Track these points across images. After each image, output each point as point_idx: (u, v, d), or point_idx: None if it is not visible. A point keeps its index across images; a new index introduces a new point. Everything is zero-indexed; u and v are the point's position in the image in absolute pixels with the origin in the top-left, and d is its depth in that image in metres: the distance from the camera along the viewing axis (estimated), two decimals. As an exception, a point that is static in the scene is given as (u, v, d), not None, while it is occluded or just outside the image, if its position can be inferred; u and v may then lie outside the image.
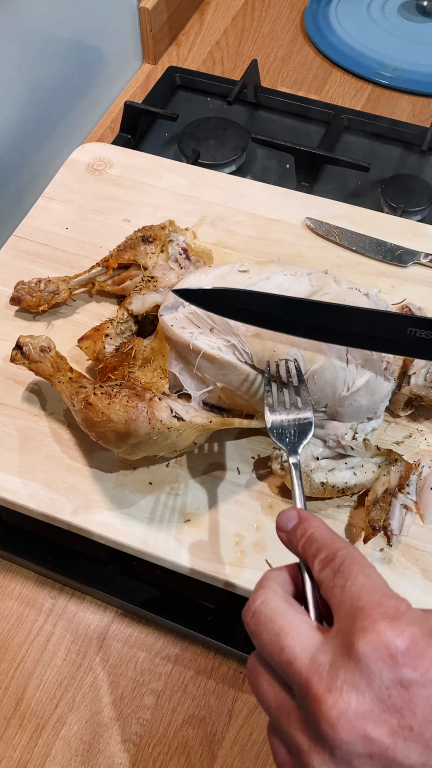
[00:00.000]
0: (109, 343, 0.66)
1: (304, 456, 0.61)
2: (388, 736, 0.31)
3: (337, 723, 0.31)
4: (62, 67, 0.94)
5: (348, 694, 0.32)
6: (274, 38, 1.16)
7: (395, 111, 1.05)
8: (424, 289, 0.74)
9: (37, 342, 0.64)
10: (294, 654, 0.35)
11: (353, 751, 0.31)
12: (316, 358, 0.58)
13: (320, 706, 0.32)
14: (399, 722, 0.31)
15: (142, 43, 1.11)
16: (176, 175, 0.84)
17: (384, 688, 0.32)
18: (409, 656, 0.32)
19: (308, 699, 0.33)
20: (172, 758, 0.60)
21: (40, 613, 0.66)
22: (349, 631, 0.33)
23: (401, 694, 0.32)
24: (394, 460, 0.60)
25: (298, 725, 0.34)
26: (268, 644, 0.36)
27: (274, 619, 0.36)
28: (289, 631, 0.36)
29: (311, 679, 0.33)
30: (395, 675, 0.32)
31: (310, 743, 0.33)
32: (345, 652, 0.33)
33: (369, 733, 0.31)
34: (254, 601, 0.38)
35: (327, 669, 0.33)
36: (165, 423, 0.57)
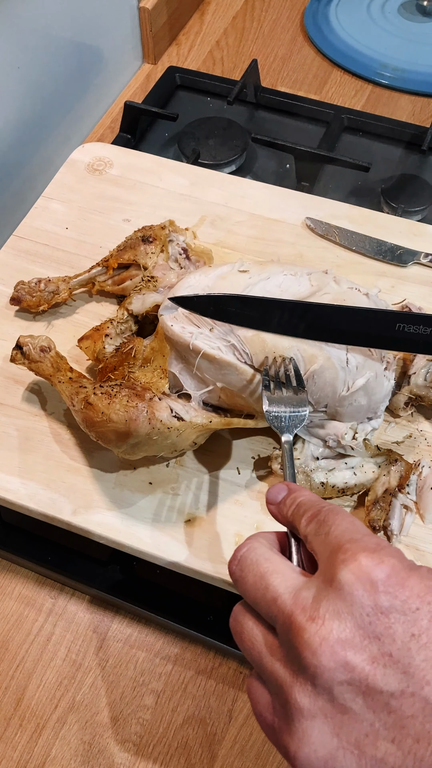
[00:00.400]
0: (109, 343, 0.66)
1: (304, 456, 0.61)
2: (368, 663, 0.32)
3: (318, 649, 0.32)
4: (62, 67, 0.94)
5: (330, 621, 0.33)
6: (274, 38, 1.16)
7: (395, 111, 1.05)
8: (424, 289, 0.74)
9: (37, 342, 0.64)
10: (278, 592, 0.35)
11: (334, 678, 0.32)
12: (315, 359, 0.58)
13: (303, 635, 0.33)
14: (379, 649, 0.32)
15: (142, 43, 1.11)
16: (176, 175, 0.84)
17: (365, 615, 0.32)
18: (390, 584, 0.33)
19: (291, 631, 0.33)
20: (172, 758, 0.60)
21: (40, 613, 0.66)
22: (331, 565, 0.34)
23: (381, 622, 0.32)
24: (394, 460, 0.60)
25: (281, 661, 0.34)
26: (252, 585, 0.37)
27: (259, 563, 0.37)
28: (274, 571, 0.37)
29: (294, 611, 0.34)
30: (376, 602, 0.32)
31: (292, 676, 0.33)
32: (327, 583, 0.34)
33: (349, 660, 0.32)
34: (240, 549, 0.39)
35: (310, 602, 0.34)
36: (165, 423, 0.57)
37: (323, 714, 0.33)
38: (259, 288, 0.63)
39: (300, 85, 1.09)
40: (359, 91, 1.08)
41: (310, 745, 0.33)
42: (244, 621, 0.38)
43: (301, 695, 0.33)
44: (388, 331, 0.57)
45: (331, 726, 0.32)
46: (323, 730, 0.33)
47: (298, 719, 0.33)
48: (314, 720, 0.33)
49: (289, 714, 0.33)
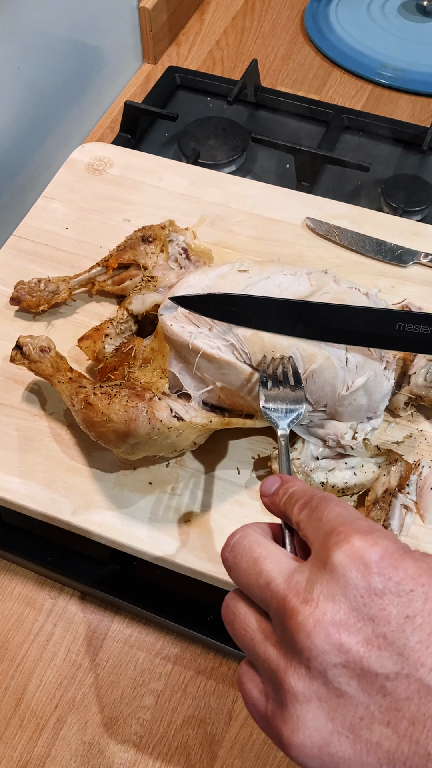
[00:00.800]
0: (109, 343, 0.66)
1: (304, 456, 0.61)
2: (363, 645, 0.32)
3: (312, 632, 0.32)
4: (62, 67, 0.94)
5: (324, 603, 0.32)
6: (274, 38, 1.16)
7: (395, 111, 1.05)
8: (424, 289, 0.74)
9: (37, 342, 0.64)
10: (271, 576, 0.35)
11: (328, 661, 0.32)
12: (315, 358, 0.58)
13: (296, 617, 0.33)
14: (373, 631, 0.32)
15: (142, 43, 1.11)
16: (176, 175, 0.84)
17: (359, 597, 0.32)
18: (384, 566, 0.32)
19: (285, 614, 0.33)
20: (172, 758, 0.60)
21: (40, 613, 0.66)
22: (324, 548, 0.34)
23: (376, 603, 0.32)
24: (394, 460, 0.60)
25: (275, 646, 0.34)
26: (245, 571, 0.37)
27: (252, 548, 0.37)
28: (267, 556, 0.36)
29: (287, 595, 0.34)
30: (370, 584, 0.32)
31: (285, 660, 0.33)
32: (321, 566, 0.34)
33: (344, 642, 0.32)
34: (233, 536, 0.39)
35: (303, 585, 0.34)
36: (165, 423, 0.56)
37: (318, 698, 0.32)
38: (258, 287, 0.63)
39: (300, 85, 1.09)
40: (359, 91, 1.08)
41: (304, 731, 0.32)
42: (237, 607, 0.37)
43: (295, 679, 0.33)
44: (388, 330, 0.57)
45: (326, 710, 0.32)
46: (318, 715, 0.32)
47: (292, 704, 0.33)
48: (309, 704, 0.32)
49: (283, 699, 0.33)
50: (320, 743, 0.32)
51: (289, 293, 0.63)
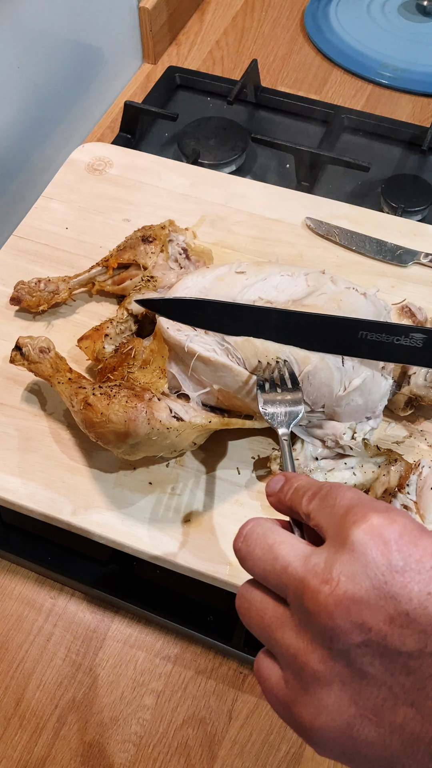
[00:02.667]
0: (109, 343, 0.66)
1: (303, 457, 0.61)
2: (386, 623, 0.31)
3: (335, 611, 0.31)
4: (62, 67, 0.94)
5: (345, 582, 0.32)
6: (274, 38, 1.16)
7: (395, 111, 1.05)
8: (424, 288, 0.74)
9: (37, 343, 0.64)
10: (288, 560, 0.35)
11: (351, 641, 0.31)
12: (309, 360, 0.58)
13: (317, 597, 0.32)
14: (396, 609, 0.31)
15: (142, 42, 1.11)
16: (176, 175, 0.84)
17: (380, 574, 0.32)
18: (403, 543, 0.32)
19: (305, 595, 0.33)
20: (172, 758, 0.60)
21: (40, 613, 0.66)
22: (341, 529, 0.34)
23: (397, 581, 0.31)
24: (393, 460, 0.60)
25: (294, 630, 0.34)
26: (261, 558, 0.36)
27: (266, 535, 0.37)
28: (282, 542, 0.36)
29: (306, 576, 0.33)
30: (391, 561, 0.32)
31: (306, 644, 0.33)
32: (339, 546, 0.33)
33: (366, 621, 0.31)
34: (245, 527, 0.38)
35: (322, 566, 0.33)
36: (164, 423, 0.57)
37: (340, 680, 0.32)
38: (255, 289, 0.63)
39: (300, 85, 1.09)
40: (359, 91, 1.08)
41: (327, 714, 0.32)
42: (252, 596, 0.37)
43: (317, 662, 0.32)
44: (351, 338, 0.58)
45: (349, 693, 0.32)
46: (340, 698, 0.32)
47: (314, 688, 0.32)
48: (331, 687, 0.32)
49: (305, 683, 0.32)
50: (343, 727, 0.32)
51: (286, 294, 0.63)
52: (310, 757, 0.59)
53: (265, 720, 0.61)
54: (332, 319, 0.58)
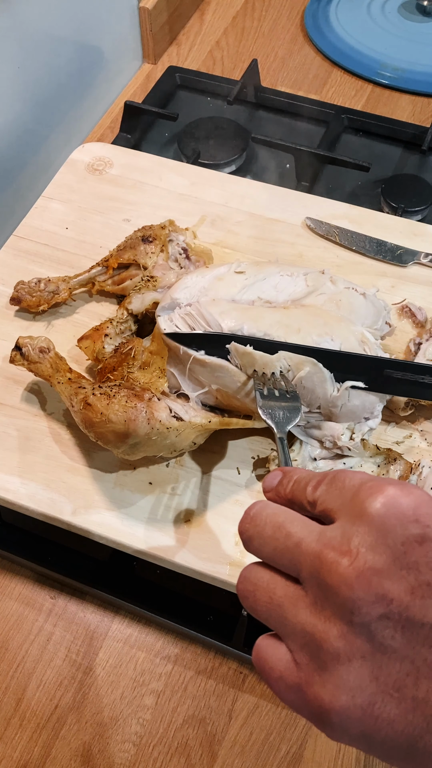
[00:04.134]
0: (109, 342, 0.66)
1: (301, 458, 0.61)
2: (407, 594, 0.30)
3: (355, 583, 0.30)
4: (62, 67, 0.94)
5: (364, 553, 0.31)
6: (274, 38, 1.16)
7: (395, 111, 1.05)
8: (424, 289, 0.74)
9: (36, 343, 0.64)
10: (301, 536, 0.34)
11: (373, 612, 0.30)
12: (303, 365, 0.58)
13: (337, 569, 0.31)
14: (416, 579, 0.30)
15: (142, 42, 1.11)
16: (176, 175, 0.84)
17: (399, 545, 0.31)
18: (421, 513, 0.31)
19: (322, 569, 0.32)
20: (172, 758, 0.60)
21: (40, 613, 0.66)
22: (355, 502, 0.33)
23: (417, 551, 0.31)
24: (393, 459, 0.60)
25: (309, 608, 0.32)
26: (271, 537, 0.35)
27: (276, 514, 0.36)
28: (294, 519, 0.35)
29: (323, 551, 0.32)
30: (409, 531, 0.31)
31: (324, 620, 0.31)
32: (355, 518, 0.32)
33: (388, 592, 0.30)
34: (251, 509, 0.37)
35: (339, 539, 0.32)
36: (164, 423, 0.56)
37: (361, 656, 0.31)
38: (255, 288, 0.63)
39: (300, 85, 1.09)
40: (359, 91, 1.08)
41: (347, 692, 0.30)
42: (258, 577, 0.35)
43: (336, 638, 0.31)
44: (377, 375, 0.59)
45: (370, 668, 0.30)
46: (361, 674, 0.30)
47: (333, 665, 0.31)
48: (351, 663, 0.31)
49: (322, 662, 0.31)
50: (364, 705, 0.31)
51: (286, 294, 0.63)
52: (310, 757, 0.59)
53: (265, 720, 0.61)
54: (359, 358, 0.58)
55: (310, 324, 0.60)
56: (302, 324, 0.60)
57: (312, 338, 0.59)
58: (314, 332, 0.60)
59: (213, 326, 0.60)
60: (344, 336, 0.60)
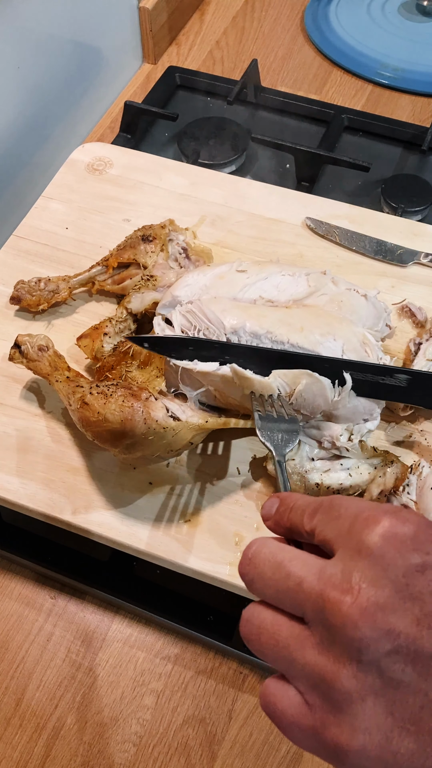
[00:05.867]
0: (108, 341, 0.66)
1: (299, 457, 0.61)
2: (413, 626, 0.30)
3: (360, 620, 0.30)
4: (62, 67, 0.94)
5: (366, 589, 0.31)
6: (274, 38, 1.16)
7: (395, 111, 1.05)
8: (424, 289, 0.74)
9: (36, 341, 0.64)
10: (301, 576, 0.33)
11: (381, 649, 0.30)
12: (299, 379, 0.58)
13: (340, 608, 0.31)
14: (421, 610, 0.30)
15: (142, 43, 1.11)
16: (176, 175, 0.84)
17: (401, 576, 0.31)
18: (419, 542, 0.31)
19: (325, 609, 0.31)
20: (172, 758, 0.60)
21: (40, 613, 0.66)
22: (353, 535, 0.32)
23: (419, 581, 0.30)
24: (390, 462, 0.60)
25: (316, 648, 0.32)
26: (271, 578, 0.34)
27: (275, 554, 0.35)
28: (293, 558, 0.34)
29: (325, 590, 0.32)
30: (410, 561, 0.31)
31: (332, 660, 0.31)
32: (354, 553, 0.32)
33: (394, 626, 0.30)
34: (249, 549, 0.36)
35: (340, 576, 0.32)
36: (161, 423, 0.56)
37: (373, 693, 0.30)
38: (256, 288, 0.63)
39: (300, 85, 1.09)
40: (359, 91, 1.08)
41: (364, 731, 0.30)
42: (262, 619, 0.34)
43: (347, 678, 0.30)
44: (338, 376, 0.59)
45: (384, 705, 0.30)
46: (376, 711, 0.30)
47: (347, 705, 0.30)
48: (365, 702, 0.30)
49: (335, 703, 0.31)
50: (382, 742, 0.30)
51: (287, 294, 0.63)
52: (310, 757, 0.59)
53: (265, 720, 0.61)
54: (320, 359, 0.59)
55: (313, 323, 0.60)
56: (305, 323, 0.60)
57: (315, 337, 0.59)
58: (317, 331, 0.60)
59: (215, 324, 0.60)
60: (346, 336, 0.60)
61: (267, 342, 0.59)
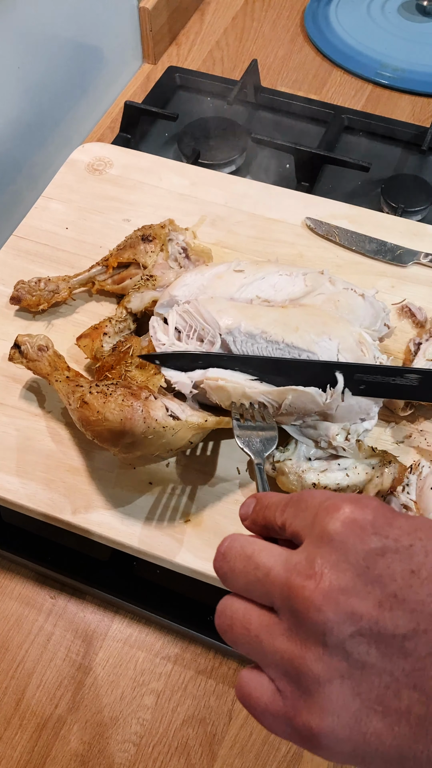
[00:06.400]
0: (107, 341, 0.66)
1: (296, 457, 0.61)
2: (375, 608, 0.31)
3: (323, 604, 0.31)
4: (62, 67, 0.94)
5: (328, 574, 0.32)
6: (274, 38, 1.16)
7: (395, 111, 1.05)
8: (424, 289, 0.74)
9: (35, 341, 0.64)
10: (269, 566, 0.34)
11: (344, 632, 0.31)
12: (284, 394, 0.58)
13: (303, 594, 0.32)
14: (382, 591, 0.31)
15: (142, 43, 1.11)
16: (176, 175, 0.84)
17: (361, 560, 0.32)
18: (378, 525, 0.32)
19: (291, 595, 0.32)
20: (172, 758, 0.60)
21: (40, 613, 0.66)
22: (316, 524, 0.33)
23: (379, 564, 0.31)
24: (387, 462, 0.60)
25: (284, 635, 0.33)
26: (241, 571, 0.36)
27: (244, 547, 0.36)
28: (262, 549, 0.36)
29: (290, 577, 0.33)
30: (369, 545, 0.32)
31: (299, 646, 0.32)
32: (317, 541, 0.33)
33: (356, 609, 0.31)
34: (221, 545, 0.38)
35: (304, 563, 0.33)
36: (160, 422, 0.56)
37: (340, 675, 0.31)
38: (253, 287, 0.63)
39: (300, 85, 1.09)
40: (359, 91, 1.08)
41: (332, 714, 0.31)
42: (234, 610, 0.36)
43: (314, 662, 0.31)
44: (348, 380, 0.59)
45: (351, 686, 0.31)
46: (343, 693, 0.31)
47: (316, 689, 0.31)
48: (331, 684, 0.31)
49: (304, 687, 0.32)
50: (351, 723, 0.31)
51: (284, 293, 0.63)
52: (310, 757, 0.59)
53: (265, 720, 0.61)
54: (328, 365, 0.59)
55: (308, 323, 0.60)
56: (300, 323, 0.60)
57: (310, 337, 0.59)
58: (312, 331, 0.60)
59: (210, 324, 0.60)
60: (342, 336, 0.60)
61: (262, 342, 0.59)
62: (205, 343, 0.61)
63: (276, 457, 0.60)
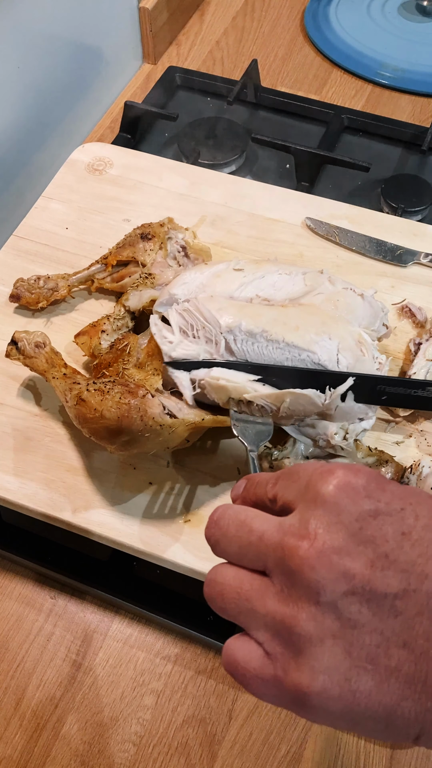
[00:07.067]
0: (105, 339, 0.66)
1: (294, 455, 0.61)
2: (367, 568, 0.31)
3: (317, 563, 0.32)
4: (62, 67, 0.94)
5: (322, 534, 0.32)
6: (274, 38, 1.16)
7: (395, 111, 1.05)
8: (424, 289, 0.74)
9: (32, 337, 0.64)
10: (262, 529, 0.35)
11: (337, 590, 0.31)
12: (283, 397, 0.58)
13: (298, 553, 0.32)
14: (374, 552, 0.32)
15: (142, 43, 1.11)
16: (176, 175, 0.84)
17: (354, 521, 0.32)
18: (371, 489, 0.33)
19: (285, 556, 0.33)
20: (172, 758, 0.60)
21: (40, 613, 0.66)
22: (309, 488, 0.34)
23: (371, 525, 0.32)
24: (384, 462, 0.60)
25: (277, 596, 0.33)
26: (235, 536, 0.36)
27: (238, 514, 0.37)
28: (255, 516, 0.36)
29: (284, 538, 0.33)
30: (363, 507, 0.33)
31: (292, 605, 0.32)
32: (310, 503, 0.34)
33: (349, 568, 0.31)
34: (214, 514, 0.38)
35: (297, 525, 0.33)
36: (157, 420, 0.56)
37: (331, 635, 0.31)
38: (253, 286, 0.63)
39: (300, 85, 1.09)
40: (359, 91, 1.08)
41: (323, 672, 0.31)
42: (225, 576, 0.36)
43: (306, 620, 0.32)
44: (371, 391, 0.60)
45: (342, 645, 0.31)
46: (334, 652, 0.31)
47: (307, 648, 0.32)
48: (323, 643, 0.31)
49: (296, 647, 0.32)
50: (341, 682, 0.31)
51: (284, 292, 0.63)
52: (310, 757, 0.59)
53: (265, 720, 0.61)
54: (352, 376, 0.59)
55: (308, 322, 0.60)
56: (300, 322, 0.60)
57: (310, 336, 0.59)
58: (312, 330, 0.60)
59: (210, 322, 0.60)
60: (341, 336, 0.60)
61: (262, 341, 0.59)
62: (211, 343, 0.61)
63: (274, 456, 0.60)
